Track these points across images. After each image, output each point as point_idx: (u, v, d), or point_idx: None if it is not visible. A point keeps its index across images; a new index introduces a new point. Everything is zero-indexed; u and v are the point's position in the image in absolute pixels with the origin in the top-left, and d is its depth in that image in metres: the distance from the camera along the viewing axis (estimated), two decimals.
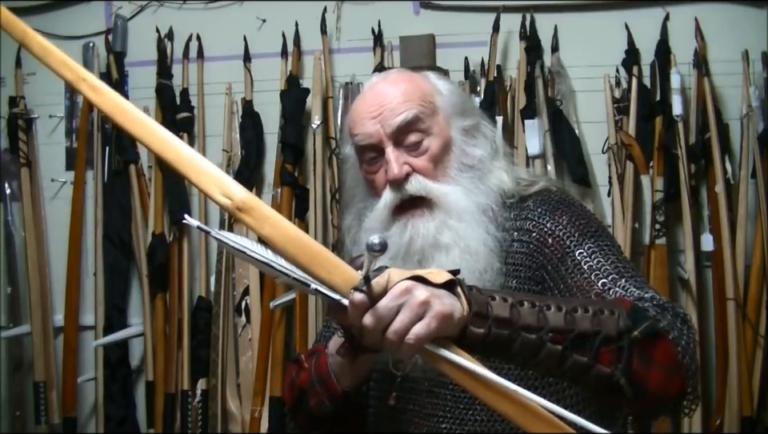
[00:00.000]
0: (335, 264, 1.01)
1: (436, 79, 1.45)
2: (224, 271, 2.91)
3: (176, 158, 1.02)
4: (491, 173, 1.41)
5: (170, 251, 2.96)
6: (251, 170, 2.93)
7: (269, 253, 1.01)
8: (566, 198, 1.44)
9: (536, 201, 1.41)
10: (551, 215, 1.37)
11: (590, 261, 1.31)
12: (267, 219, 1.00)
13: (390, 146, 1.35)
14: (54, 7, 3.14)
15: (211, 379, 2.90)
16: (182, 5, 3.07)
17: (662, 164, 2.63)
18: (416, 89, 1.40)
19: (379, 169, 1.38)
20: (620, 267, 1.30)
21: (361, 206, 1.45)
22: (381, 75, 1.45)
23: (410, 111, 1.36)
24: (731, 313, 2.56)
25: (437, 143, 1.38)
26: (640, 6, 2.75)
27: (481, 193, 1.38)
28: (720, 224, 2.60)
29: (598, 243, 1.33)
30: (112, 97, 1.04)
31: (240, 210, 0.99)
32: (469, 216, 1.36)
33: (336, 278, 1.00)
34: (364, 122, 1.37)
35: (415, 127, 1.36)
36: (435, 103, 1.40)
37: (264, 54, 2.96)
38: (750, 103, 2.61)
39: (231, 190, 1.00)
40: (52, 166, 3.17)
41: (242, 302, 2.93)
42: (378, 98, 1.38)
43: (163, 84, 3.01)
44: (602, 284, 1.28)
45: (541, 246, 1.36)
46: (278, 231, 0.99)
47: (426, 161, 1.37)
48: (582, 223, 1.36)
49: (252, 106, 2.94)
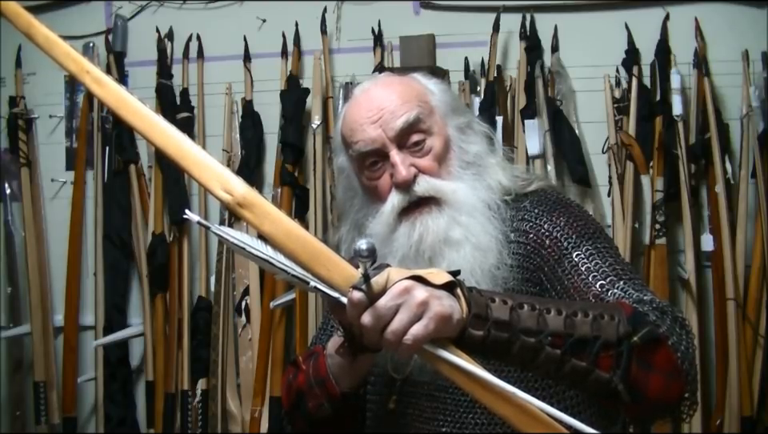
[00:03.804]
0: (335, 262, 1.00)
1: (425, 80, 1.44)
2: (224, 271, 2.91)
3: (178, 153, 1.01)
4: (489, 168, 1.40)
5: (170, 251, 2.96)
6: (251, 170, 2.93)
7: (269, 249, 1.01)
8: (564, 198, 1.43)
9: (533, 201, 1.40)
10: (548, 216, 1.36)
11: (587, 263, 1.30)
12: (268, 215, 0.99)
13: (393, 149, 1.34)
14: (54, 7, 3.14)
15: (211, 379, 2.90)
16: (182, 5, 3.07)
17: (662, 164, 2.63)
18: (410, 90, 1.39)
19: (382, 174, 1.36)
20: (618, 268, 1.30)
21: (360, 216, 1.42)
22: (370, 82, 1.44)
23: (411, 112, 1.34)
24: (731, 313, 2.56)
25: (439, 142, 1.37)
26: (640, 6, 2.75)
27: (483, 189, 1.37)
28: (720, 224, 2.59)
29: (595, 245, 1.32)
30: (116, 90, 1.04)
31: (241, 205, 0.99)
32: (478, 212, 1.35)
33: (335, 276, 1.00)
34: (364, 128, 1.35)
35: (417, 128, 1.35)
36: (430, 103, 1.39)
37: (264, 54, 2.96)
38: (750, 103, 2.60)
39: (232, 186, 1.00)
40: (52, 166, 3.18)
41: (242, 302, 2.93)
42: (376, 102, 1.36)
43: (163, 84, 3.01)
44: (600, 286, 1.27)
45: (538, 247, 1.35)
46: (278, 228, 0.99)
47: (430, 161, 1.35)
48: (579, 225, 1.35)
49: (252, 106, 2.94)
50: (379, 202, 1.37)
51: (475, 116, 1.49)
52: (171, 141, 1.02)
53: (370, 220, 1.39)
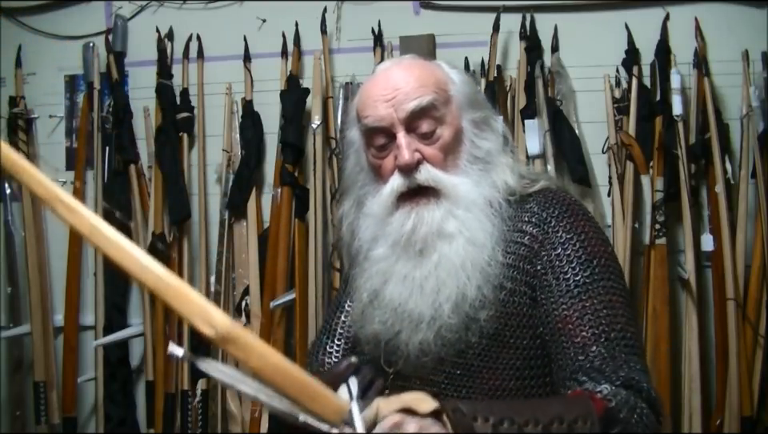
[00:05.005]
0: (323, 395, 0.99)
1: (449, 69, 1.43)
2: (224, 271, 2.92)
3: (157, 285, 0.94)
4: (498, 167, 1.39)
5: (170, 251, 2.96)
6: (251, 170, 2.93)
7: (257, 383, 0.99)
8: (571, 205, 1.39)
9: (539, 203, 1.38)
10: (553, 227, 1.34)
11: (582, 297, 1.29)
12: (254, 350, 0.96)
13: (401, 131, 1.33)
14: (54, 7, 3.15)
15: (211, 379, 2.89)
16: (182, 5, 3.07)
17: (662, 164, 2.63)
18: (430, 76, 1.38)
19: (387, 154, 1.36)
20: (610, 316, 1.28)
21: (362, 192, 1.43)
22: (394, 60, 1.43)
23: (425, 97, 1.34)
24: (731, 313, 2.55)
25: (449, 133, 1.36)
26: (640, 6, 2.74)
27: (488, 186, 1.36)
28: (720, 224, 2.59)
29: (593, 277, 1.30)
30: (89, 218, 0.95)
31: (225, 340, 0.93)
32: (476, 208, 1.34)
33: (324, 409, 0.99)
34: (376, 105, 1.35)
35: (429, 114, 1.34)
36: (448, 92, 1.38)
37: (264, 54, 2.96)
38: (750, 103, 2.60)
39: (216, 320, 0.93)
40: (52, 166, 3.17)
41: (242, 302, 2.93)
42: (392, 82, 1.35)
43: (163, 84, 3.01)
44: (584, 336, 1.26)
45: (536, 255, 1.33)
46: (265, 362, 0.96)
47: (437, 150, 1.35)
48: (584, 246, 1.33)
49: (252, 106, 2.94)
50: (381, 182, 1.37)
51: (495, 113, 1.47)
52: (149, 272, 0.94)
53: (369, 199, 1.40)
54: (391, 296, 1.35)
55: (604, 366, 1.23)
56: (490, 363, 1.33)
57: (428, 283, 1.33)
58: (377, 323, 1.37)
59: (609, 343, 1.26)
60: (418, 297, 1.33)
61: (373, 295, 1.38)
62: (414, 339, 1.33)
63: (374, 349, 1.39)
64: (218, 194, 3.00)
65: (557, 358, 1.29)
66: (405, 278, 1.35)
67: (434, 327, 1.31)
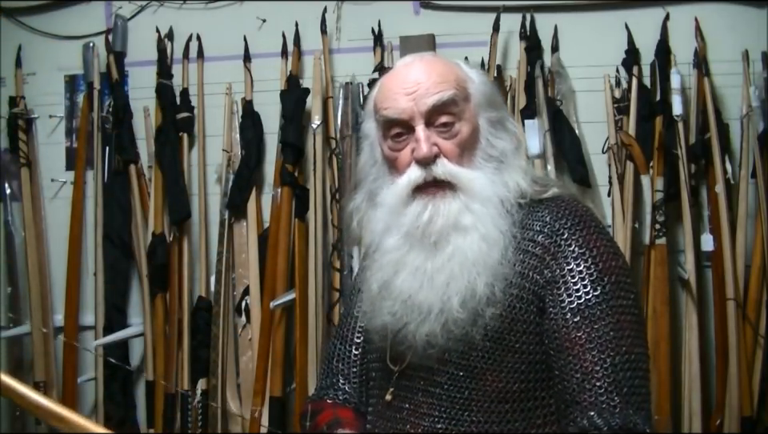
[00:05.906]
0: None
1: (468, 68, 1.45)
2: (224, 271, 2.91)
3: None
4: (511, 168, 1.40)
5: (170, 251, 2.96)
6: (251, 170, 2.93)
7: None
8: (584, 217, 1.37)
9: (551, 212, 1.37)
10: (566, 240, 1.34)
11: (592, 319, 1.29)
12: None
13: (421, 124, 1.35)
14: (54, 7, 3.15)
15: (211, 379, 2.90)
16: (182, 5, 3.07)
17: (661, 164, 2.63)
18: (451, 72, 1.39)
19: (404, 147, 1.37)
20: (617, 338, 1.29)
21: (374, 185, 1.44)
22: (415, 55, 1.45)
23: (446, 92, 1.35)
24: (731, 313, 2.55)
25: (467, 129, 1.37)
26: (640, 6, 2.74)
27: (501, 185, 1.37)
28: (720, 224, 2.59)
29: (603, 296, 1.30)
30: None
31: None
32: (491, 204, 1.35)
33: None
34: (397, 97, 1.36)
35: (448, 109, 1.36)
36: (468, 90, 1.40)
37: (264, 54, 2.96)
38: (750, 103, 2.60)
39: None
40: (52, 166, 3.18)
41: (242, 302, 2.94)
42: (414, 76, 1.37)
43: (163, 84, 3.01)
44: (590, 359, 1.27)
45: (547, 266, 1.33)
46: None
47: (454, 145, 1.36)
48: (595, 262, 1.32)
49: (252, 106, 2.94)
50: (396, 174, 1.39)
51: (511, 116, 1.49)
52: None
53: (383, 190, 1.40)
54: (401, 288, 1.36)
55: (605, 406, 1.25)
56: (494, 366, 1.33)
57: (439, 275, 1.33)
58: (386, 314, 1.38)
59: (613, 367, 1.27)
60: (428, 289, 1.34)
61: (383, 285, 1.39)
62: (422, 330, 1.33)
63: (382, 341, 1.41)
64: (218, 194, 3.00)
65: (561, 378, 1.31)
66: (417, 269, 1.35)
67: (441, 320, 1.32)
